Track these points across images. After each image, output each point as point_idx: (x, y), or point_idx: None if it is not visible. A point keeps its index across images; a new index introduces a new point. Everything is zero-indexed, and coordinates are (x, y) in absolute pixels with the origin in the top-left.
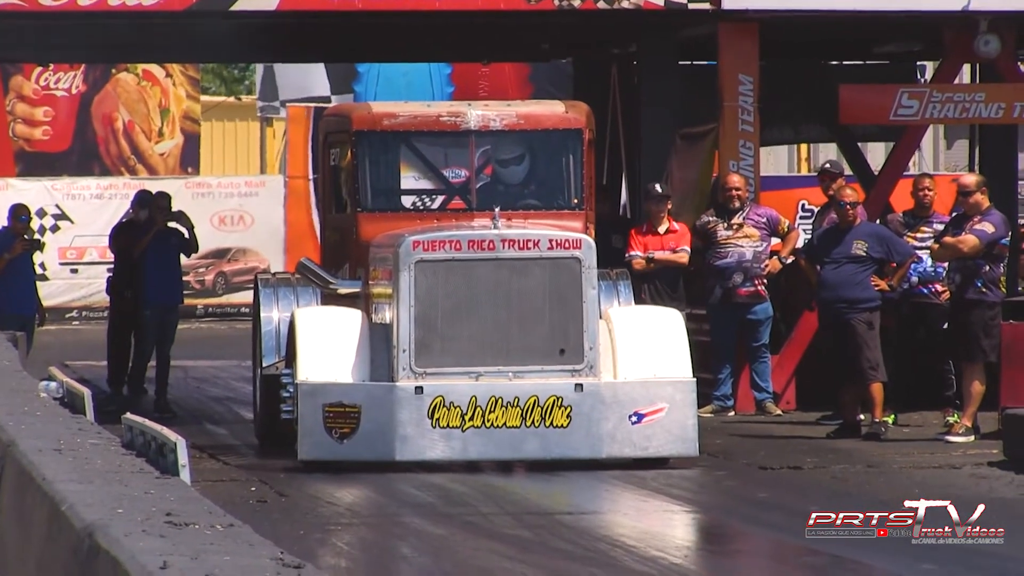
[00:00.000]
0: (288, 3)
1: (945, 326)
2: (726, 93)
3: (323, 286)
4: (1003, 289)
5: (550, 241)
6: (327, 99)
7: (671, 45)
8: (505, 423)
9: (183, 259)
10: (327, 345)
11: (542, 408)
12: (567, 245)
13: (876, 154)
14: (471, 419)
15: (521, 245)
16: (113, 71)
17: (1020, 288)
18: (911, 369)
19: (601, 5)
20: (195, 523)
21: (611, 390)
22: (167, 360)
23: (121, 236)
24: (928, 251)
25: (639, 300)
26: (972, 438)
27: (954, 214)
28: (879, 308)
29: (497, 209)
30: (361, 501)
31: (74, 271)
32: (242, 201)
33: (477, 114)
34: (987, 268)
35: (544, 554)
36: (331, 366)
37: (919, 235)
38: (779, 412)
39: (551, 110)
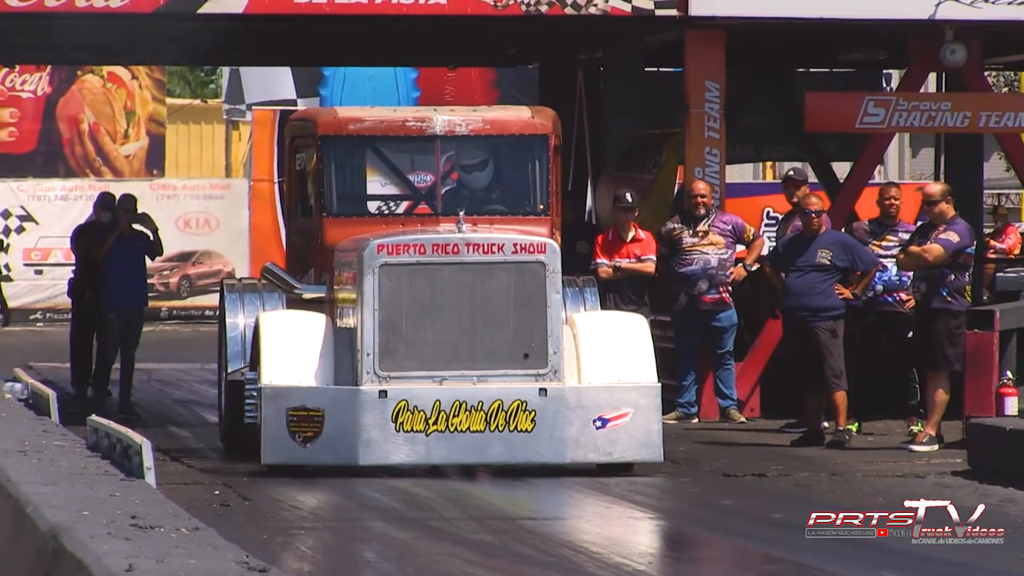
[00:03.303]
0: (255, 6)
1: (910, 335)
2: (692, 100)
3: (288, 291)
4: (968, 298)
5: (514, 245)
6: (293, 102)
7: (637, 51)
8: (469, 427)
9: (148, 262)
10: (291, 349)
11: (506, 412)
12: (531, 249)
13: (842, 163)
14: (435, 423)
15: (485, 249)
16: (79, 73)
17: (985, 297)
18: (875, 378)
19: (568, 11)
20: (160, 526)
21: (575, 395)
22: (131, 362)
23: (83, 238)
24: (894, 260)
25: (604, 308)
26: (936, 447)
27: (919, 223)
28: (843, 316)
29: (462, 213)
30: (324, 505)
31: (39, 272)
32: (207, 204)
33: (443, 119)
34: (952, 277)
35: (507, 559)
36: (295, 370)
37: (884, 244)
38: (743, 419)
39: (517, 115)
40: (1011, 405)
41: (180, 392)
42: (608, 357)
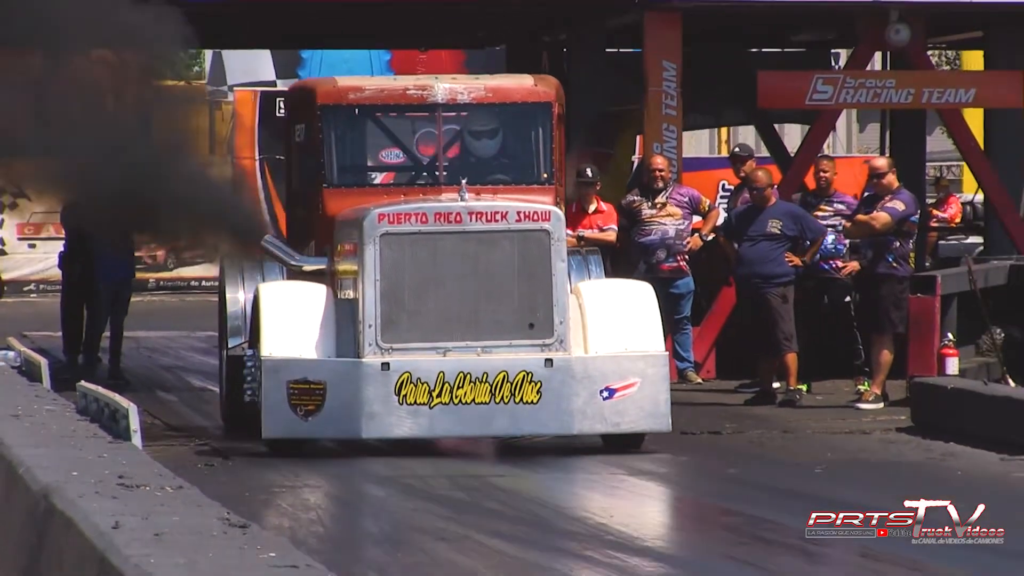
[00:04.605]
0: None
1: (847, 299)
2: (651, 79)
3: (287, 264)
4: (912, 264)
5: (518, 213)
6: (273, 83)
7: (599, 33)
8: (474, 399)
9: (135, 236)
10: (291, 321)
11: (511, 384)
12: (535, 217)
13: (793, 137)
14: (439, 396)
15: (489, 217)
16: None
17: (927, 264)
18: (822, 340)
19: None
20: (146, 485)
21: (582, 365)
22: (120, 331)
23: (72, 213)
24: (830, 229)
25: None
26: (881, 405)
27: (866, 194)
28: (793, 283)
29: (464, 181)
30: (303, 465)
31: (32, 246)
32: None
33: (444, 87)
34: (897, 244)
35: (478, 514)
36: (295, 342)
37: (819, 214)
38: (700, 380)
39: (520, 83)
40: (952, 365)
41: (167, 359)
42: (614, 326)
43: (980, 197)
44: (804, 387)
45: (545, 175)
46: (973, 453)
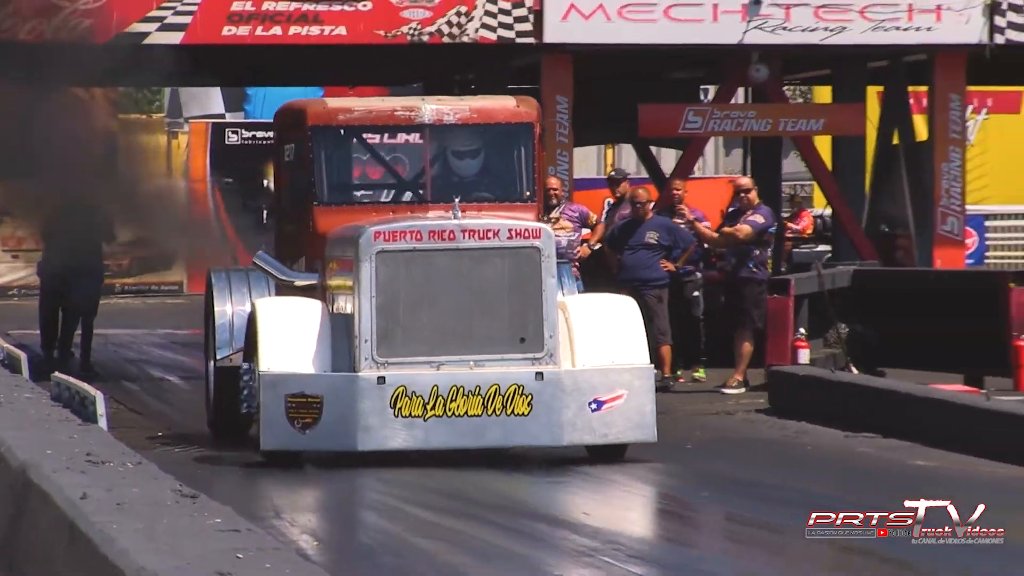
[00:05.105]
0: (190, 38)
1: (696, 294)
2: (547, 111)
3: (278, 279)
4: (769, 269)
5: (509, 231)
6: (222, 116)
7: (503, 72)
8: (467, 412)
9: (104, 246)
10: (288, 336)
11: (503, 397)
12: (527, 235)
13: (668, 160)
14: (433, 408)
15: (481, 235)
16: None
17: (783, 269)
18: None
19: (445, 40)
20: (110, 462)
21: (571, 378)
22: (90, 329)
23: (50, 229)
24: None
25: None
26: (743, 390)
27: (731, 209)
28: (667, 285)
29: (457, 200)
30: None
31: (15, 256)
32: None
33: (431, 108)
34: (757, 252)
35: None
36: (293, 357)
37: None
38: None
39: (503, 104)
40: (804, 356)
41: (131, 353)
42: (601, 340)
43: (828, 211)
44: (700, 372)
45: (528, 192)
46: (821, 431)
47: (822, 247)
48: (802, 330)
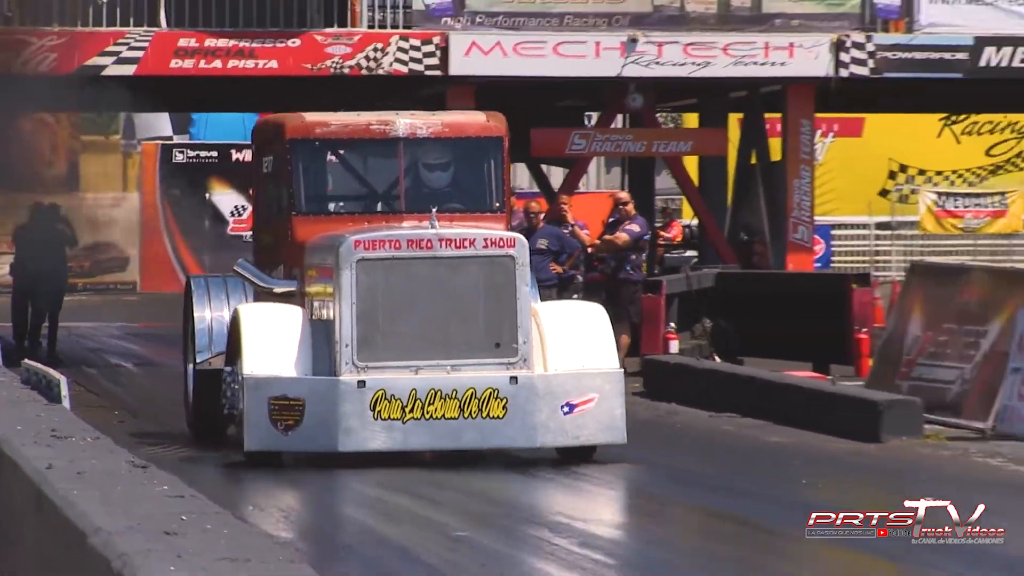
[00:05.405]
0: (142, 70)
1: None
2: None
3: (257, 286)
4: (644, 271)
5: (485, 240)
6: (170, 138)
7: (413, 101)
8: (444, 415)
9: (67, 250)
10: (271, 340)
11: (479, 400)
12: (501, 244)
13: (557, 177)
14: (411, 411)
15: (458, 244)
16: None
17: (656, 271)
18: None
19: (364, 72)
20: (72, 436)
21: (544, 382)
22: (56, 322)
23: (20, 235)
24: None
25: None
26: None
27: (611, 219)
28: (556, 286)
29: (435, 210)
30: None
31: None
32: (109, 211)
33: (405, 122)
34: (634, 257)
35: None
36: (275, 360)
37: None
38: None
39: (473, 119)
40: (674, 346)
41: (92, 343)
42: (572, 345)
43: (695, 222)
44: None
45: (497, 204)
46: (689, 411)
47: (690, 253)
48: (672, 324)
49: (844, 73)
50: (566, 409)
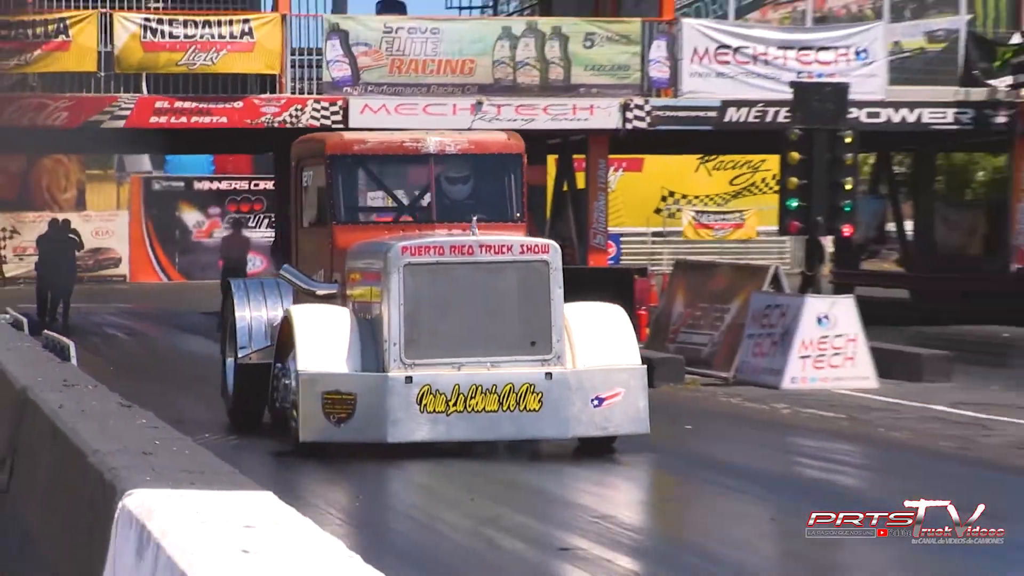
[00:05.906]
0: (130, 124)
1: None
2: None
3: (302, 289)
4: None
5: (521, 246)
6: (150, 172)
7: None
8: (484, 408)
9: (76, 252)
10: (322, 339)
11: (517, 394)
12: (536, 250)
13: None
14: (455, 405)
15: (496, 250)
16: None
17: None
18: None
19: (288, 126)
20: (77, 384)
21: (576, 377)
22: (68, 304)
23: (42, 241)
24: None
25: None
26: None
27: None
28: None
29: (475, 219)
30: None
31: (21, 258)
32: (106, 223)
33: (435, 140)
34: None
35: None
36: (327, 358)
37: None
38: None
39: (496, 138)
40: None
41: (96, 319)
42: (598, 343)
43: None
44: None
45: (518, 214)
46: None
47: None
48: None
49: (629, 126)
50: (596, 402)
